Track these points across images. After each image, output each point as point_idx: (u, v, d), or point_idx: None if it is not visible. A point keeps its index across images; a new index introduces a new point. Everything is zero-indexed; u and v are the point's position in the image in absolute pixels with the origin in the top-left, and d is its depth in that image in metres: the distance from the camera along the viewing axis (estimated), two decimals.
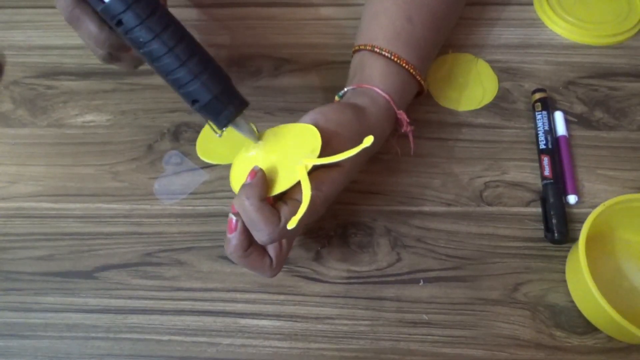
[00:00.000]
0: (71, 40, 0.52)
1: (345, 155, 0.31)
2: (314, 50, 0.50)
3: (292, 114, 0.46)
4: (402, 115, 0.38)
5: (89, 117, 0.47)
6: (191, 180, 0.43)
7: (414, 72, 0.39)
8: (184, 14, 0.53)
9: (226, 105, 0.30)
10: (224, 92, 0.30)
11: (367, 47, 0.39)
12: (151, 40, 0.29)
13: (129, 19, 0.29)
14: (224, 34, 0.52)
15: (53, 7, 0.53)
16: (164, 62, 0.29)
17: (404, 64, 0.39)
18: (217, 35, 0.51)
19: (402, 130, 0.40)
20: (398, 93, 0.38)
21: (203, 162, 0.37)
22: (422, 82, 0.41)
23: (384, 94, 0.37)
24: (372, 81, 0.38)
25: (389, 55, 0.38)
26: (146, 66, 0.42)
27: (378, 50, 0.39)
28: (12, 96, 0.48)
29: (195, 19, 0.53)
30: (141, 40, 0.29)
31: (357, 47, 0.41)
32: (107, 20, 0.30)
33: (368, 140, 0.31)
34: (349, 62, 0.49)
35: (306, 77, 0.48)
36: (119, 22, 0.29)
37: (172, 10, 0.46)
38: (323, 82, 0.48)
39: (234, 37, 0.51)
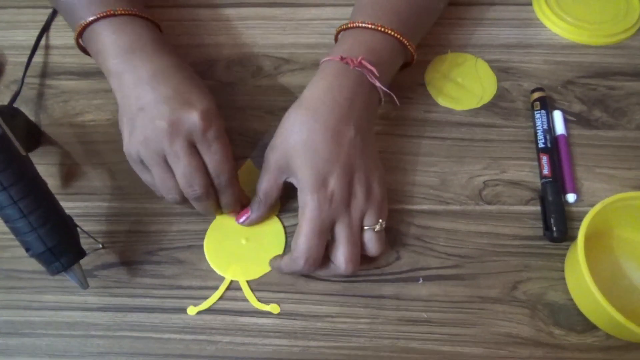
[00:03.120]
0: (71, 40, 0.52)
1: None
2: (314, 50, 0.50)
3: None
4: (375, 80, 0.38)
5: (89, 117, 0.47)
6: None
7: (392, 33, 0.39)
8: (184, 14, 0.53)
9: (58, 258, 0.34)
10: (59, 245, 0.34)
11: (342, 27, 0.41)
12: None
13: None
14: (224, 34, 0.52)
15: (53, 7, 0.53)
16: (7, 211, 0.33)
17: (379, 28, 0.39)
18: (217, 35, 0.52)
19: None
20: (375, 54, 0.39)
21: None
22: (408, 45, 0.41)
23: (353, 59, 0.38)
24: (342, 49, 0.39)
25: (363, 24, 0.40)
26: None
27: (353, 25, 0.40)
28: (13, 95, 0.48)
29: (196, 19, 0.53)
30: None
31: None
32: None
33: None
34: None
35: (306, 77, 0.49)
36: None
37: (172, 11, 0.47)
38: None
39: (234, 37, 0.52)
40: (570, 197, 0.41)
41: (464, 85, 0.47)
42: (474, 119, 0.45)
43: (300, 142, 0.36)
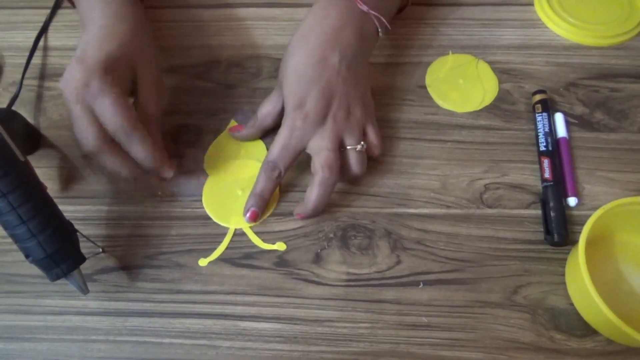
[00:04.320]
0: (70, 41, 0.51)
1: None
2: None
3: None
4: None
5: None
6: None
7: None
8: (184, 15, 0.53)
9: (58, 264, 0.34)
10: (58, 252, 0.34)
11: None
12: None
13: None
14: (224, 34, 0.51)
15: (52, 8, 0.53)
16: (6, 218, 0.33)
17: None
18: (217, 36, 0.51)
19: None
20: None
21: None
22: None
23: None
24: None
25: None
26: None
27: None
28: (12, 97, 0.48)
29: (196, 20, 0.53)
30: None
31: None
32: None
33: None
34: None
35: None
36: None
37: (172, 11, 0.47)
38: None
39: (234, 38, 0.51)
40: (572, 201, 0.41)
41: (465, 87, 0.47)
42: (475, 121, 0.45)
43: (289, 66, 0.39)
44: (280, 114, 0.41)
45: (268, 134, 0.44)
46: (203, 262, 0.39)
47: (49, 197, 0.36)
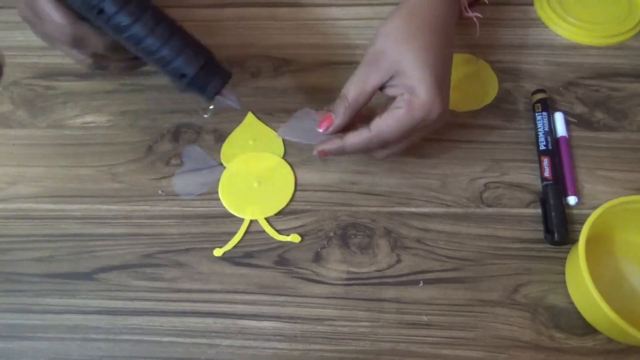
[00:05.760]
0: None
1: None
2: (314, 50, 0.50)
3: (292, 114, 0.46)
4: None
5: (88, 118, 0.47)
6: (209, 177, 0.43)
7: None
8: (184, 15, 0.53)
9: (213, 76, 0.32)
10: (208, 64, 0.32)
11: None
12: (132, 23, 0.31)
13: (108, 6, 0.31)
14: (224, 34, 0.52)
15: None
16: (147, 42, 0.31)
17: None
18: (217, 36, 0.51)
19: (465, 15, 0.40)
20: None
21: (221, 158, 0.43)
22: None
23: None
24: None
25: None
26: (146, 67, 0.42)
27: None
28: (12, 97, 0.48)
29: (196, 20, 0.53)
30: (123, 25, 0.31)
31: None
32: (89, 13, 0.31)
33: None
34: (349, 62, 0.49)
35: (306, 77, 0.48)
36: (100, 11, 0.31)
37: (171, 11, 0.47)
38: (323, 83, 0.48)
39: (234, 37, 0.51)
40: (571, 200, 0.41)
41: (466, 86, 0.47)
42: (475, 120, 0.45)
43: (416, 47, 0.35)
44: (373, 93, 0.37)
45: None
46: (218, 252, 0.39)
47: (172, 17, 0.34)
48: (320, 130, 0.37)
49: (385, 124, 0.35)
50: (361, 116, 0.38)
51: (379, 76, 0.36)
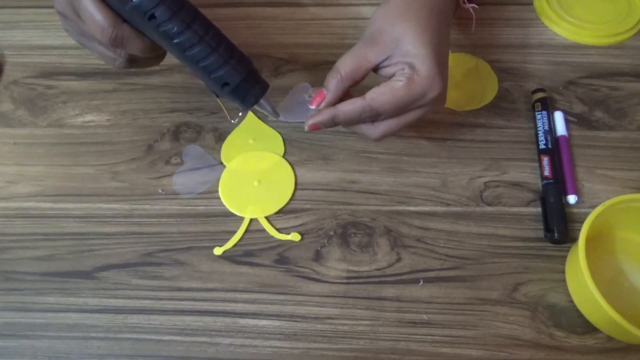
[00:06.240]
0: (71, 40, 0.51)
1: None
2: (314, 50, 0.50)
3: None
4: None
5: (89, 117, 0.47)
6: (210, 175, 0.43)
7: None
8: None
9: (253, 86, 0.33)
10: (250, 74, 0.33)
11: None
12: (183, 30, 0.31)
13: (161, 12, 0.31)
14: (225, 33, 0.51)
15: (53, 7, 0.53)
16: (195, 50, 0.32)
17: None
18: None
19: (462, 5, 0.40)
20: None
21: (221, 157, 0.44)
22: None
23: None
24: None
25: None
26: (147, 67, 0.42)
27: None
28: (12, 96, 0.48)
29: None
30: (174, 31, 0.31)
31: None
32: (137, 17, 0.32)
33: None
34: None
35: (306, 77, 0.48)
36: (152, 17, 0.31)
37: None
38: (323, 82, 0.48)
39: (234, 37, 0.51)
40: (571, 199, 0.41)
41: (465, 85, 0.47)
42: (475, 119, 0.45)
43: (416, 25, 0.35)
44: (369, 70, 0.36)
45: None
46: (218, 250, 0.39)
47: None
48: (313, 107, 0.37)
49: (381, 93, 0.34)
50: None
51: (376, 53, 0.35)
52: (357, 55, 0.35)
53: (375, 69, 0.36)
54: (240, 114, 0.35)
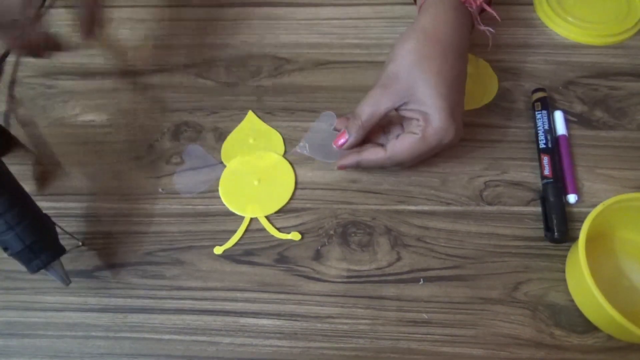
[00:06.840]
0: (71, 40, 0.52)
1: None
2: (314, 50, 0.50)
3: (292, 113, 0.46)
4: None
5: (89, 117, 0.47)
6: (210, 175, 0.43)
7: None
8: (185, 14, 0.53)
9: (37, 255, 0.34)
10: (37, 243, 0.34)
11: None
12: None
13: None
14: (225, 34, 0.52)
15: (52, 7, 0.53)
16: None
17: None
18: (217, 35, 0.51)
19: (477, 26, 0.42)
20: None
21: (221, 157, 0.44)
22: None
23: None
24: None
25: None
26: (146, 66, 0.42)
27: None
28: (12, 96, 0.48)
29: (196, 19, 0.53)
30: None
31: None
32: None
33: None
34: (349, 62, 0.49)
35: (306, 77, 0.49)
36: None
37: (172, 10, 0.47)
38: (323, 82, 0.48)
39: (234, 37, 0.52)
40: (571, 198, 0.41)
41: (466, 85, 0.47)
42: (475, 119, 0.45)
43: (429, 72, 0.37)
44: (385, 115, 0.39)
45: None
46: (218, 250, 0.40)
47: (23, 190, 0.36)
48: (336, 147, 0.41)
49: (400, 147, 0.38)
50: (377, 127, 0.40)
51: (391, 100, 0.38)
52: (373, 104, 0.39)
53: (395, 108, 0.39)
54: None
